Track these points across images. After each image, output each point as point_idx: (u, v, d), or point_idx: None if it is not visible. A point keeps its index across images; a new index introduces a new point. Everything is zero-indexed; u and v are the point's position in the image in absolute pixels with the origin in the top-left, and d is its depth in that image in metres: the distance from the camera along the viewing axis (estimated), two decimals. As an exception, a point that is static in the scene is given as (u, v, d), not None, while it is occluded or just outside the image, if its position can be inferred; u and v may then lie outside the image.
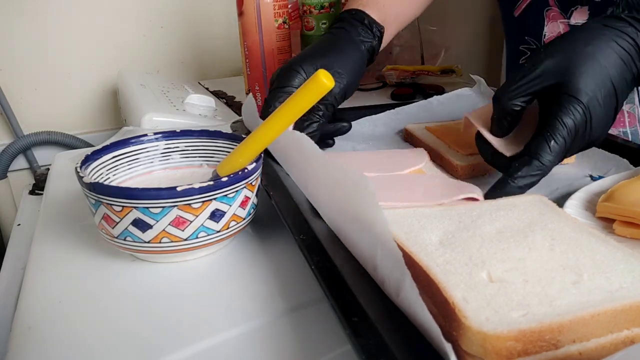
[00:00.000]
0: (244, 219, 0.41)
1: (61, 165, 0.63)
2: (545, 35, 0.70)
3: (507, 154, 0.45)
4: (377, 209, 0.30)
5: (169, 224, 0.37)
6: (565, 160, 0.53)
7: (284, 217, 0.39)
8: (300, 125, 0.53)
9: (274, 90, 0.52)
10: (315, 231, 0.36)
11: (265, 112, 0.52)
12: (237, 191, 0.39)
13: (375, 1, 0.60)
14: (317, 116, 0.53)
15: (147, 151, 0.47)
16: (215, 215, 0.38)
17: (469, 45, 0.47)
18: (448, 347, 0.23)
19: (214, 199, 0.37)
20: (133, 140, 0.46)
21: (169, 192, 0.36)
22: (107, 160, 0.44)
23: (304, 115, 0.41)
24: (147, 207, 0.36)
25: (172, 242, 0.38)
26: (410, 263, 0.31)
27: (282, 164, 0.50)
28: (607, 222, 0.40)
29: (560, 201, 0.45)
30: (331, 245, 0.35)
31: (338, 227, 0.37)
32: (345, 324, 0.26)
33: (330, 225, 0.38)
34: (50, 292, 0.38)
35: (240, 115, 0.79)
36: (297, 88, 0.47)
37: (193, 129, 0.49)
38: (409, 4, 0.65)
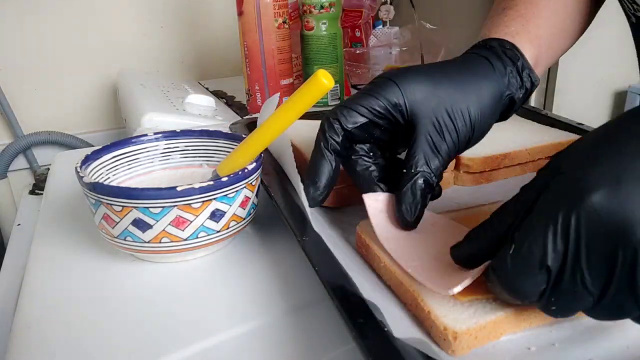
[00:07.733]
0: (244, 219, 0.41)
1: (61, 165, 0.63)
2: None
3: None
4: None
5: (169, 224, 0.37)
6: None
7: (285, 219, 0.38)
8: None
9: (358, 95, 0.39)
10: (318, 232, 0.36)
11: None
12: (237, 191, 0.39)
13: (528, 30, 0.43)
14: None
15: (147, 151, 0.47)
16: (215, 215, 0.38)
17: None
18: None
19: (214, 199, 0.37)
20: (133, 140, 0.46)
21: (169, 192, 0.36)
22: (107, 160, 0.44)
23: None
24: (147, 207, 0.36)
25: (172, 242, 0.38)
26: None
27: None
28: None
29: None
30: (334, 246, 0.35)
31: None
32: (351, 325, 0.26)
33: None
34: (50, 292, 0.38)
35: (240, 115, 0.79)
36: (371, 110, 0.37)
37: (193, 129, 0.49)
38: (564, 37, 0.48)
